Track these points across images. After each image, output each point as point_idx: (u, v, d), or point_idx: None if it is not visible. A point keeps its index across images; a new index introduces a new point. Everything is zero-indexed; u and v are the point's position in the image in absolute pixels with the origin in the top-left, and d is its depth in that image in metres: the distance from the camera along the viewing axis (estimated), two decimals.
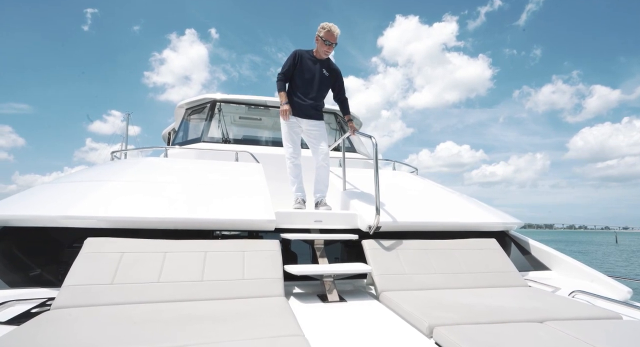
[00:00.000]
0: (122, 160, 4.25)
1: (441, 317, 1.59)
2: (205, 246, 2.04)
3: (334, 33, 2.93)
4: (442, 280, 2.21)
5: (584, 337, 1.38)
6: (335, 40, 2.97)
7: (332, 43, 2.95)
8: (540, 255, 2.92)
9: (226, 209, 2.35)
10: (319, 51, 3.02)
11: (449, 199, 3.31)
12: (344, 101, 3.25)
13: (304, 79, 3.02)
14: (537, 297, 1.98)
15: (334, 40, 2.95)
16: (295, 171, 3.12)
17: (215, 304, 1.68)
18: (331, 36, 2.93)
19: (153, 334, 1.31)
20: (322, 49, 2.98)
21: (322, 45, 2.96)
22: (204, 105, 5.18)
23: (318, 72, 3.04)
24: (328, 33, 2.92)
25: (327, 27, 2.91)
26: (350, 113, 3.31)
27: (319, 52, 3.02)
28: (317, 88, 3.07)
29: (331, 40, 2.94)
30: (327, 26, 2.92)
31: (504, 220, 3.02)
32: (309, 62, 3.03)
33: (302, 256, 2.62)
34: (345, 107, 3.26)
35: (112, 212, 2.14)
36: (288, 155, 3.12)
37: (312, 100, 3.07)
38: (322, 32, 2.94)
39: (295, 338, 1.29)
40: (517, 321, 1.58)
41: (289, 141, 3.11)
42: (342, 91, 3.24)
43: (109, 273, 1.77)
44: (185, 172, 2.99)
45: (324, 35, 2.94)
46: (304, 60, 3.02)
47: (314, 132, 3.12)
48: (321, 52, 3.00)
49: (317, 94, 3.10)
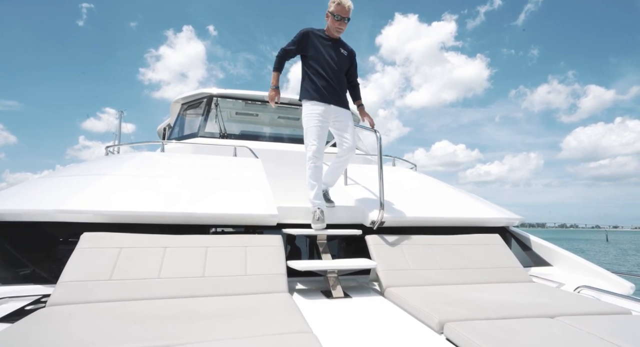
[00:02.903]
0: (117, 155, 4.16)
1: (451, 313, 1.55)
2: (206, 241, 1.98)
3: (345, 5, 2.53)
4: (448, 275, 2.18)
5: (598, 333, 1.36)
6: (348, 15, 2.57)
7: (344, 18, 2.57)
8: (541, 251, 2.91)
9: (227, 203, 2.30)
10: (330, 29, 2.64)
11: (451, 194, 3.29)
12: (357, 86, 2.91)
13: (321, 60, 2.61)
14: (544, 293, 1.96)
15: (346, 14, 2.55)
16: (316, 174, 2.54)
17: (218, 301, 1.63)
18: (342, 10, 2.54)
19: (156, 331, 1.25)
20: (333, 25, 2.59)
21: (332, 21, 2.58)
22: (201, 100, 5.12)
23: (335, 52, 2.66)
24: (339, 6, 2.54)
25: (337, 0, 2.53)
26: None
27: (330, 30, 2.64)
28: (339, 70, 2.67)
29: (343, 15, 2.55)
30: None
31: (506, 215, 3.00)
32: (323, 42, 2.65)
33: (305, 252, 2.57)
34: (357, 92, 2.92)
35: (109, 207, 2.07)
36: (311, 153, 2.54)
37: (335, 84, 2.64)
38: (332, 7, 2.56)
39: (304, 335, 1.24)
40: (528, 317, 1.55)
41: (314, 136, 2.54)
42: (356, 75, 2.89)
43: (107, 269, 1.71)
44: (183, 167, 2.93)
45: (334, 9, 2.55)
46: (316, 40, 2.63)
47: (341, 123, 2.67)
48: (332, 29, 2.61)
49: (340, 76, 2.71)
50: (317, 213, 2.44)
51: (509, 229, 3.10)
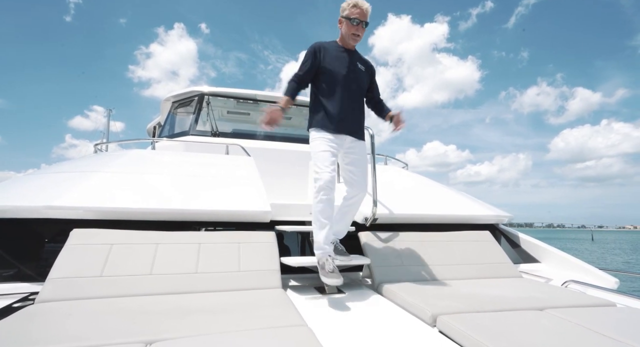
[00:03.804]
0: (107, 152, 4.10)
1: (444, 307, 1.57)
2: (199, 237, 1.97)
3: (363, 8, 2.12)
4: (440, 271, 2.21)
5: (585, 324, 1.40)
6: (366, 18, 2.14)
7: (362, 22, 2.13)
8: (529, 248, 2.96)
9: (220, 200, 2.29)
10: (345, 38, 2.19)
11: (442, 192, 3.33)
12: (380, 102, 2.39)
13: (336, 79, 2.13)
14: (533, 287, 2.00)
15: (364, 17, 2.13)
16: (328, 210, 2.02)
17: (212, 296, 1.62)
18: (361, 12, 2.12)
19: (149, 325, 1.24)
20: (349, 32, 2.15)
21: (348, 26, 2.14)
22: (192, 99, 5.07)
23: (352, 66, 2.19)
24: (355, 9, 2.12)
25: (353, 2, 2.13)
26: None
27: (345, 38, 2.19)
28: (357, 90, 2.20)
29: (361, 18, 2.12)
30: (353, 1, 2.13)
31: (496, 213, 3.05)
32: (339, 56, 2.17)
33: (298, 249, 2.57)
34: (383, 107, 2.38)
35: (100, 203, 2.04)
36: (322, 183, 1.98)
37: (353, 110, 2.18)
38: (346, 10, 2.14)
39: (299, 328, 1.25)
40: (518, 309, 1.58)
41: (326, 162, 2.03)
42: (377, 90, 2.40)
43: (98, 265, 1.69)
44: (175, 165, 2.90)
45: (349, 12, 2.12)
46: (330, 54, 2.16)
47: (353, 157, 2.20)
48: (348, 37, 2.17)
49: (359, 99, 2.24)
50: (328, 263, 1.94)
51: (499, 227, 3.15)
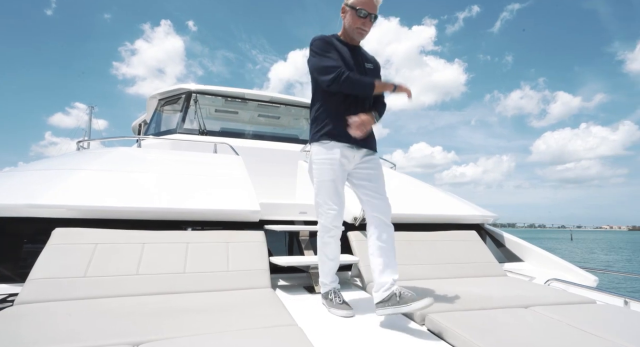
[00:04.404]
0: (90, 150, 4.00)
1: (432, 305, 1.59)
2: (186, 237, 1.94)
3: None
4: (428, 270, 2.23)
5: (567, 320, 1.44)
6: (376, 10, 1.79)
7: (370, 14, 1.78)
8: (513, 247, 3.03)
9: (208, 199, 2.26)
10: (348, 31, 1.83)
11: (429, 192, 3.37)
12: (384, 107, 1.98)
13: None
14: (518, 286, 2.05)
15: (373, 9, 1.78)
16: (334, 250, 1.80)
17: (200, 297, 1.60)
18: (369, 3, 1.76)
19: (138, 327, 1.21)
20: (354, 25, 1.79)
21: (354, 18, 1.78)
22: (179, 96, 4.99)
23: (362, 66, 1.86)
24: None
25: None
26: None
27: (348, 32, 1.84)
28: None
29: (369, 10, 1.76)
30: None
31: (481, 213, 3.11)
32: (344, 53, 1.82)
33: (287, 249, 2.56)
34: (381, 109, 1.97)
35: (83, 201, 1.98)
36: (328, 222, 1.74)
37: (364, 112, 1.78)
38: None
39: (289, 328, 1.24)
40: (503, 307, 1.61)
41: (331, 195, 1.73)
42: (383, 95, 1.99)
43: (81, 265, 1.64)
44: (161, 163, 2.85)
45: (355, 1, 1.76)
46: (337, 52, 1.81)
47: (366, 172, 1.81)
48: (352, 31, 1.82)
49: (369, 104, 1.87)
50: (337, 296, 1.73)
51: (484, 227, 3.21)
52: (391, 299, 1.54)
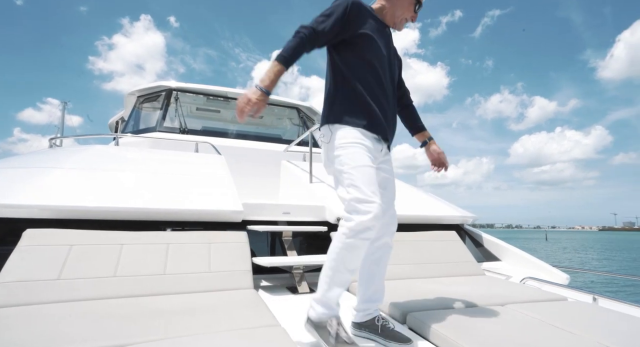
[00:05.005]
0: (64, 147, 3.85)
1: (413, 304, 1.62)
2: (167, 237, 1.90)
3: None
4: (410, 270, 2.27)
5: (541, 317, 1.50)
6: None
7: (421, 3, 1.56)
8: (491, 247, 3.11)
9: (189, 199, 2.22)
10: (394, 16, 1.55)
11: (411, 193, 3.42)
12: (412, 106, 1.77)
13: (376, 59, 1.46)
14: (495, 285, 2.11)
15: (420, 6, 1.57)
16: (357, 258, 1.35)
17: (182, 298, 1.57)
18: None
19: (118, 329, 1.18)
20: (406, 14, 1.55)
21: (409, 7, 1.54)
22: (159, 94, 4.89)
23: (393, 51, 1.61)
24: None
25: None
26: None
27: (392, 17, 1.56)
28: (393, 83, 1.56)
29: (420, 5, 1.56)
30: None
31: (461, 213, 3.18)
32: (380, 29, 1.51)
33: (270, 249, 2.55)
34: (417, 116, 1.77)
35: (57, 201, 1.91)
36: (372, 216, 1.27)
37: (393, 108, 1.56)
38: None
39: (272, 328, 1.24)
40: (482, 306, 1.66)
41: (372, 180, 1.33)
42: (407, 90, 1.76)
43: (55, 268, 1.58)
44: (141, 162, 2.78)
45: None
46: (370, 22, 1.47)
47: (384, 175, 1.53)
48: (399, 19, 1.56)
49: (395, 95, 1.60)
50: (340, 330, 1.26)
51: (464, 227, 3.28)
52: (370, 326, 1.43)
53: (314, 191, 2.97)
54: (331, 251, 1.34)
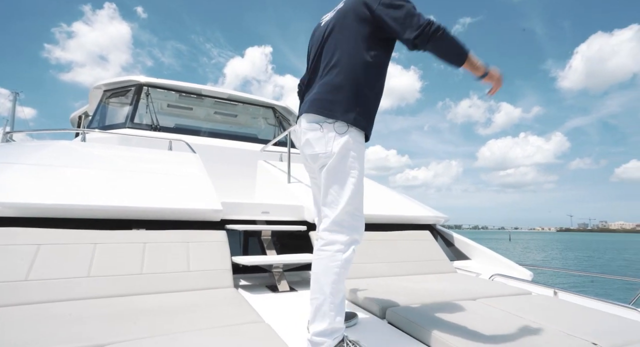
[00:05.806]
0: (22, 142, 3.62)
1: (391, 301, 1.68)
2: (143, 236, 1.84)
3: None
4: (387, 268, 2.33)
5: (508, 310, 1.61)
6: None
7: None
8: (462, 246, 3.25)
9: (167, 198, 2.16)
10: None
11: (386, 194, 3.51)
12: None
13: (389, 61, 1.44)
14: (466, 281, 2.22)
15: None
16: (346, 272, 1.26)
17: (160, 298, 1.53)
18: None
19: (93, 330, 1.13)
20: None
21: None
22: (128, 89, 4.68)
23: None
24: None
25: None
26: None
27: None
28: None
29: None
30: None
31: (434, 214, 3.30)
32: None
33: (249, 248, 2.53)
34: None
35: (22, 199, 1.80)
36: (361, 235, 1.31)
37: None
38: None
39: (257, 325, 1.24)
40: (455, 300, 1.74)
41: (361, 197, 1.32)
42: None
43: (22, 268, 1.49)
44: (111, 159, 2.66)
45: None
46: None
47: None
48: None
49: None
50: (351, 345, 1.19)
51: (436, 227, 3.40)
52: None
53: (292, 191, 2.97)
54: (327, 273, 1.19)
